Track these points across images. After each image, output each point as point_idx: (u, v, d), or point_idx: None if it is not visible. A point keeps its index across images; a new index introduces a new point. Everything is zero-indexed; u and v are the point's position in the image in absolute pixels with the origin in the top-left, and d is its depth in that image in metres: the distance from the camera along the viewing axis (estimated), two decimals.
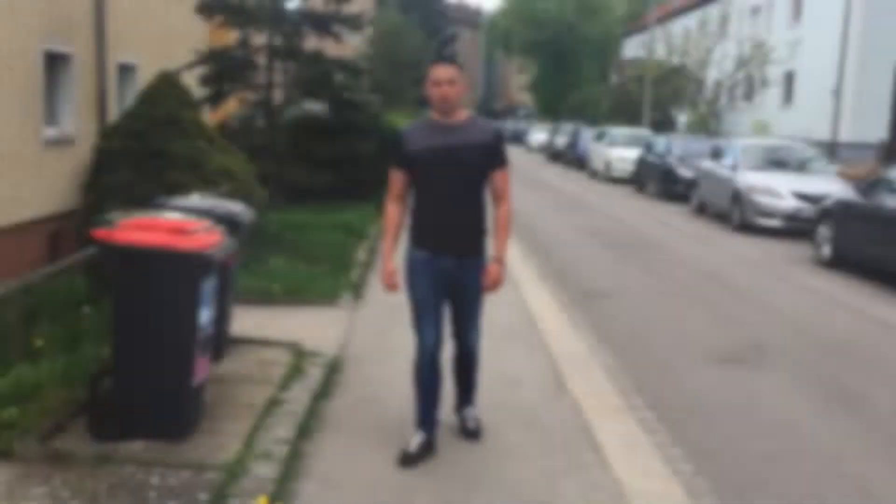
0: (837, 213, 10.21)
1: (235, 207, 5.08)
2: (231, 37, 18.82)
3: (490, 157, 4.00)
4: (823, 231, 10.51)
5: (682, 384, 5.68)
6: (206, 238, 3.90)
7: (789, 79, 29.06)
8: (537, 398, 5.09)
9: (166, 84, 8.89)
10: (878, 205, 9.49)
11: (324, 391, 4.89)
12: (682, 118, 32.48)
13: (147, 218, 3.99)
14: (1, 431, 3.73)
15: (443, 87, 3.88)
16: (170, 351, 3.83)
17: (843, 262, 10.15)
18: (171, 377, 3.85)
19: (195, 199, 5.12)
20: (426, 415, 4.10)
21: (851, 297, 8.75)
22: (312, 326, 6.31)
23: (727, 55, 28.06)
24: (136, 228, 3.81)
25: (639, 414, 4.98)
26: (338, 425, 4.45)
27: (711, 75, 27.79)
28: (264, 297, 7.01)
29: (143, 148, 8.47)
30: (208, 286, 3.93)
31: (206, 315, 3.95)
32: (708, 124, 27.90)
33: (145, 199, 8.04)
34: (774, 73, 27.11)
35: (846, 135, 26.14)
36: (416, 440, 4.04)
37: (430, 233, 3.99)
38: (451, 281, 4.02)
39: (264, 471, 3.66)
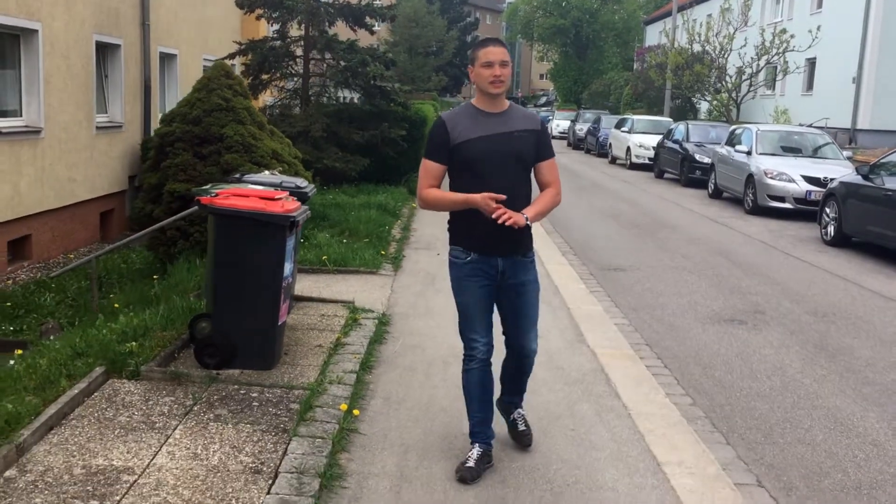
0: (840, 195, 10.92)
1: (301, 182, 5.92)
2: (263, 26, 19.73)
3: (538, 146, 3.74)
4: (828, 212, 11.23)
5: (687, 339, 6.49)
6: (290, 204, 4.76)
7: (811, 67, 29.52)
8: (560, 346, 5.93)
9: (220, 73, 9.70)
10: (877, 186, 10.20)
11: (377, 338, 5.77)
12: (704, 105, 33.02)
13: (241, 188, 4.85)
14: (127, 359, 4.63)
15: (496, 67, 3.59)
16: (261, 296, 4.71)
17: (846, 240, 10.90)
18: (262, 318, 4.72)
19: (266, 175, 5.98)
20: (482, 426, 3.83)
21: (850, 271, 9.49)
22: (360, 290, 7.18)
23: (748, 43, 28.54)
24: (233, 196, 4.68)
25: (646, 361, 5.81)
26: (391, 363, 5.32)
27: (733, 63, 28.30)
28: (316, 266, 7.90)
29: (201, 132, 9.32)
30: (290, 244, 4.80)
31: (288, 268, 4.82)
32: (729, 111, 28.45)
33: (203, 178, 9.00)
34: (796, 60, 27.60)
35: (865, 122, 26.63)
36: (473, 454, 3.76)
37: (479, 231, 3.62)
38: (503, 284, 3.76)
39: (339, 391, 4.53)
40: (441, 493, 3.60)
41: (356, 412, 4.33)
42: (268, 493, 3.38)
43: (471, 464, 3.71)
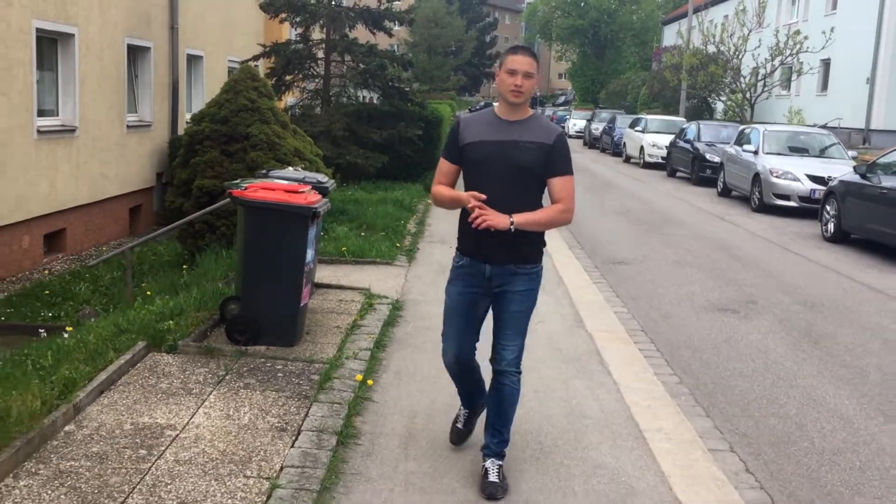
0: (840, 193, 11.30)
1: (322, 177, 6.42)
2: (285, 29, 20.32)
3: (549, 159, 3.57)
4: (828, 209, 11.62)
5: (680, 326, 6.95)
6: (312, 197, 5.27)
7: (825, 67, 29.73)
8: (560, 330, 6.40)
9: (247, 76, 10.24)
10: (874, 185, 10.58)
11: (390, 321, 6.27)
12: (720, 105, 33.30)
13: (268, 182, 5.37)
14: (165, 335, 5.16)
15: (518, 77, 3.51)
16: (286, 280, 5.22)
17: (845, 237, 11.28)
18: (286, 300, 5.24)
19: (291, 171, 6.48)
20: (468, 400, 4.09)
21: (845, 266, 9.89)
22: (376, 279, 7.69)
23: (763, 44, 28.81)
24: (261, 189, 5.20)
25: (640, 344, 6.27)
26: (403, 342, 5.83)
27: (747, 63, 28.55)
28: (335, 257, 8.42)
29: (228, 131, 9.87)
30: (312, 233, 5.31)
31: (310, 254, 5.33)
32: (743, 112, 28.72)
33: (230, 175, 9.54)
34: (811, 61, 27.85)
35: (879, 122, 26.83)
36: (460, 414, 4.13)
37: (469, 235, 3.60)
38: (491, 291, 3.66)
39: (354, 365, 5.04)
40: (444, 451, 4.09)
41: (370, 382, 4.85)
42: (292, 446, 3.89)
43: (460, 424, 4.10)
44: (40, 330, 6.90)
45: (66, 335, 5.28)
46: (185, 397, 4.41)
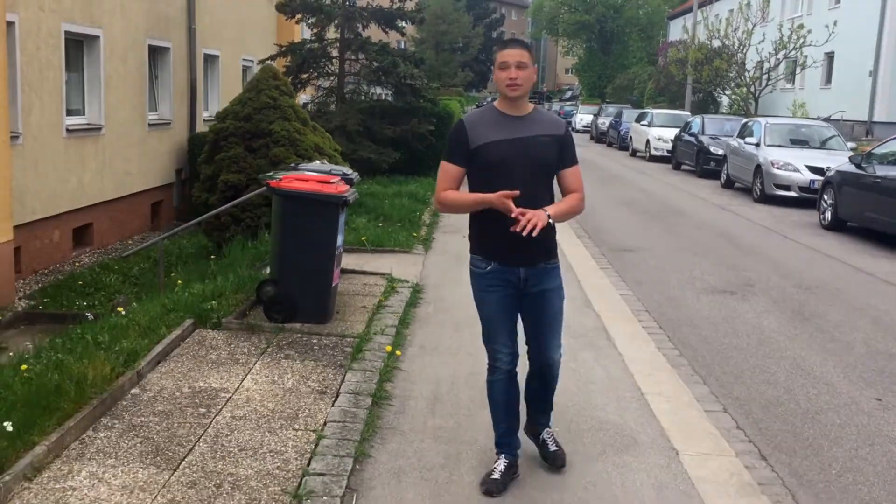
0: (836, 182, 11.75)
1: (347, 170, 6.91)
2: (297, 28, 20.83)
3: (561, 151, 3.60)
4: (825, 198, 12.07)
5: (681, 306, 7.43)
6: (342, 187, 5.77)
7: (829, 61, 30.10)
8: (570, 310, 6.75)
9: (268, 75, 10.75)
10: (868, 174, 11.02)
11: (412, 302, 6.78)
12: (726, 99, 33.71)
13: (299, 173, 5.87)
14: (210, 314, 5.68)
15: (511, 70, 3.46)
16: (318, 263, 5.73)
17: (841, 225, 11.74)
18: (318, 281, 5.74)
19: (317, 164, 6.98)
20: (508, 437, 3.77)
21: (840, 251, 10.35)
22: (396, 265, 8.18)
23: (767, 38, 29.21)
24: (295, 180, 5.70)
25: (643, 322, 6.75)
26: (425, 321, 6.33)
27: (751, 58, 28.94)
28: (356, 246, 8.92)
29: (251, 128, 10.38)
30: (342, 219, 5.81)
31: (340, 239, 5.84)
32: (748, 105, 29.12)
33: (253, 170, 10.06)
34: (815, 55, 28.23)
35: (882, 115, 27.21)
36: (499, 465, 3.70)
37: (499, 240, 3.51)
38: (526, 292, 3.63)
39: (382, 339, 5.55)
40: (466, 409, 4.59)
41: (398, 353, 5.35)
42: (332, 406, 4.39)
43: (496, 475, 3.65)
44: (87, 314, 7.43)
45: (114, 316, 5.79)
46: (234, 366, 4.92)
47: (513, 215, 3.36)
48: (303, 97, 19.07)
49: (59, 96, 11.31)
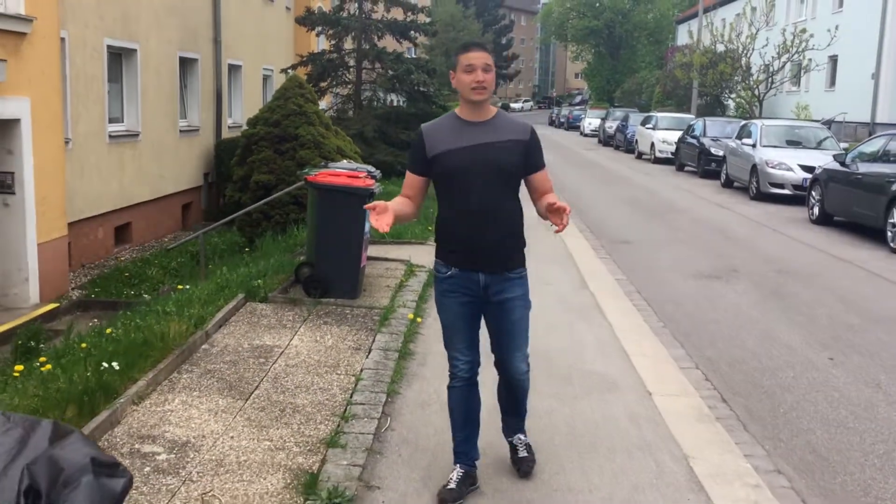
0: (823, 179, 12.61)
1: (371, 168, 7.85)
2: (313, 39, 21.87)
3: (527, 157, 3.51)
4: (814, 195, 12.92)
5: (669, 288, 8.32)
6: (369, 181, 6.71)
7: (833, 64, 30.87)
8: (568, 290, 7.80)
9: (295, 84, 11.72)
10: (852, 171, 11.87)
11: (429, 283, 7.69)
12: (731, 103, 34.51)
13: (330, 170, 6.82)
14: (258, 290, 6.63)
15: (478, 73, 3.39)
16: (349, 246, 6.66)
17: (828, 219, 12.60)
18: (349, 262, 6.68)
19: (346, 163, 7.93)
20: (465, 446, 3.68)
21: (823, 242, 11.21)
22: (413, 254, 9.11)
23: (770, 42, 30.01)
24: (329, 175, 6.64)
25: (634, 301, 7.65)
26: None
27: (755, 62, 29.74)
28: (377, 238, 9.85)
29: (280, 133, 11.35)
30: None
31: (367, 227, 6.77)
32: (752, 108, 29.91)
33: (282, 171, 11.03)
34: (819, 58, 28.99)
35: (884, 116, 27.94)
36: (454, 476, 3.62)
37: (460, 246, 3.48)
38: (488, 300, 3.55)
39: (404, 311, 6.48)
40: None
41: (419, 320, 6.28)
42: (366, 358, 5.32)
43: (452, 485, 3.57)
44: (145, 296, 8.40)
45: (174, 293, 6.75)
46: (282, 330, 5.86)
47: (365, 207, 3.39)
48: (321, 105, 20.10)
49: (102, 105, 12.34)
